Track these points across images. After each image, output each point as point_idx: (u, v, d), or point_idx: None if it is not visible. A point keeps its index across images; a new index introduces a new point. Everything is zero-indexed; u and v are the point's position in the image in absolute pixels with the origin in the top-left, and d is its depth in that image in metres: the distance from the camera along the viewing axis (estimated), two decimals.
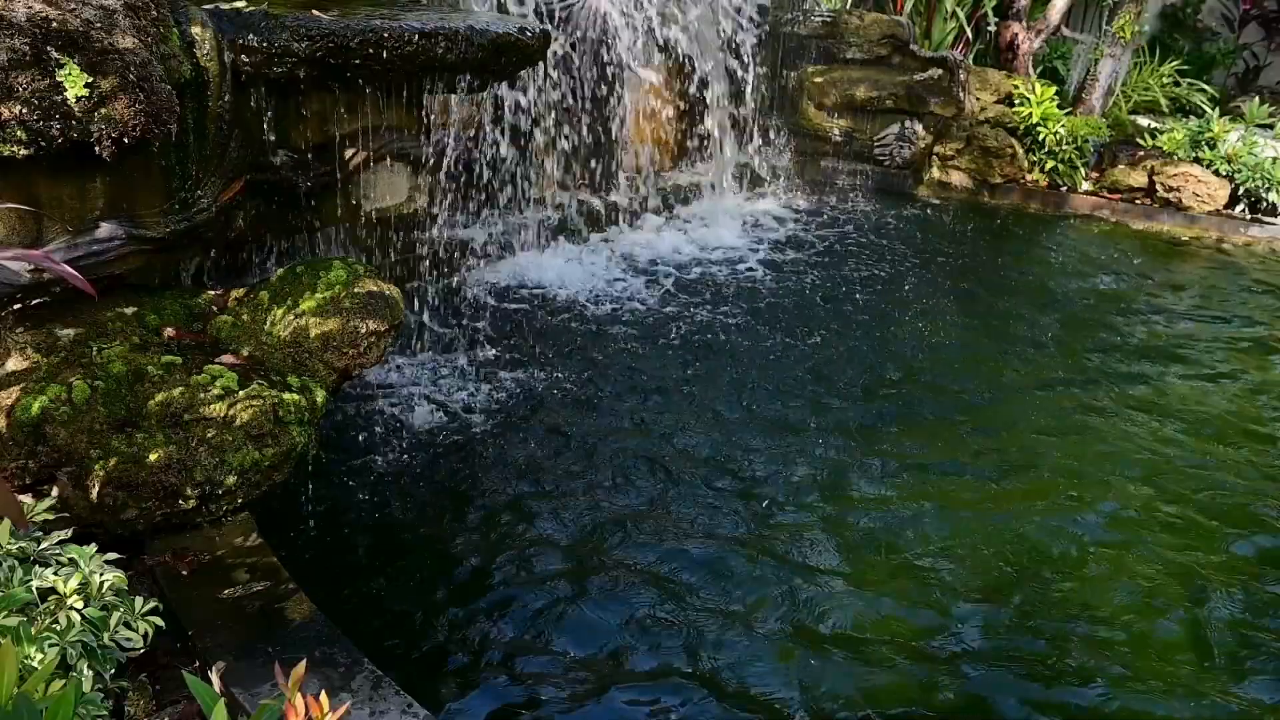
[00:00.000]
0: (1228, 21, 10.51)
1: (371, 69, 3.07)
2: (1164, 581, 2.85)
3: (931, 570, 2.84)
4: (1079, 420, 3.86)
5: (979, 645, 2.55)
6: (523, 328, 4.38)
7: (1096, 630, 2.63)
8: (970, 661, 2.48)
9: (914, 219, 6.81)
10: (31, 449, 2.25)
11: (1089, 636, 2.60)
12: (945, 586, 2.77)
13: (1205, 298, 5.55)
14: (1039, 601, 2.74)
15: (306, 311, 2.69)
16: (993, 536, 3.01)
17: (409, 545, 2.82)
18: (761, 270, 5.41)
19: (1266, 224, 6.82)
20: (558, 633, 2.51)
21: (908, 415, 3.82)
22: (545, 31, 3.67)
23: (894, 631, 2.57)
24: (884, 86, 7.15)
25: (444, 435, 3.41)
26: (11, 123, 2.09)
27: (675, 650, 2.46)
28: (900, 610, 2.66)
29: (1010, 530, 3.05)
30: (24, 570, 1.72)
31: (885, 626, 2.59)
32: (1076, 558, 2.94)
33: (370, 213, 3.61)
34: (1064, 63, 9.02)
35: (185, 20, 2.59)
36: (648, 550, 2.85)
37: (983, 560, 2.90)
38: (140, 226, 2.54)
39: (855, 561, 2.86)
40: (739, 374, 4.08)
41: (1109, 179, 7.39)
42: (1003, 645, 2.56)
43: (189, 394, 2.38)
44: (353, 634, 2.12)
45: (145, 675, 1.97)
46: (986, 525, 3.07)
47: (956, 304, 5.12)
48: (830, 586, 2.74)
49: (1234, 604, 2.77)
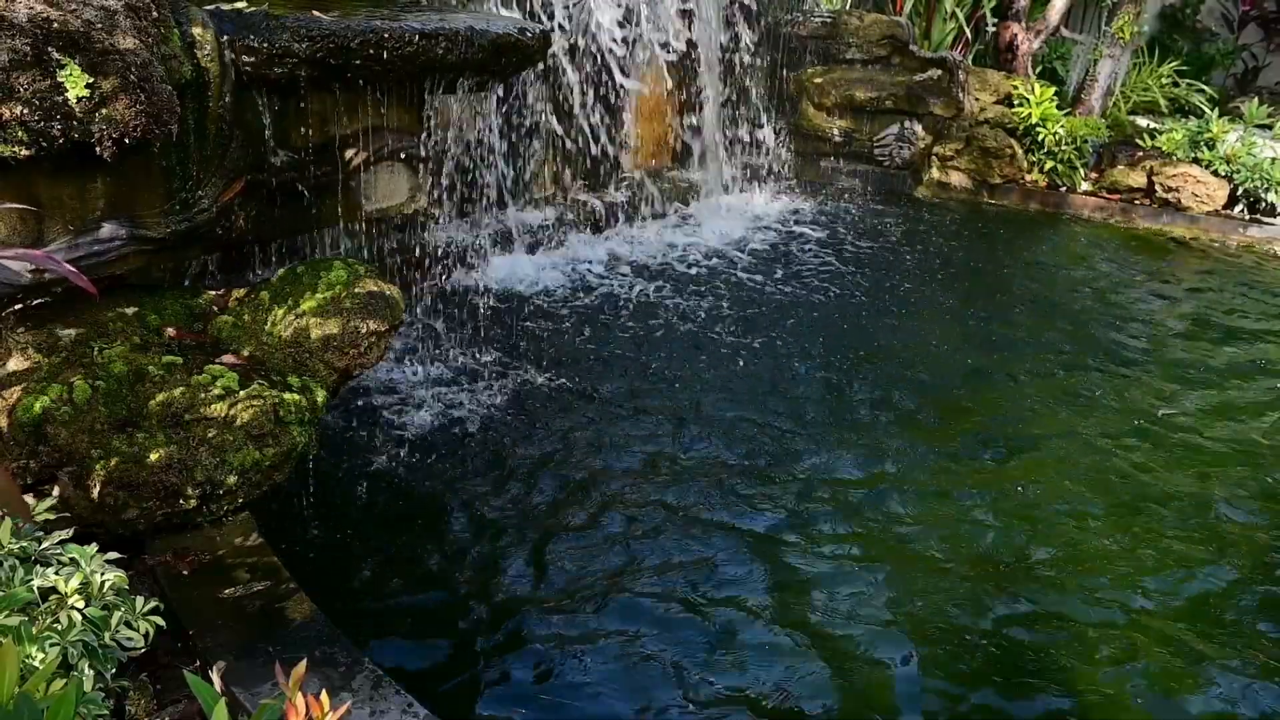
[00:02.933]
0: (1227, 22, 10.52)
1: (372, 70, 3.08)
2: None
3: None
4: (1077, 422, 3.86)
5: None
6: (522, 327, 4.38)
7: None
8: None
9: (913, 219, 6.81)
10: (33, 449, 2.25)
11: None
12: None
13: (1204, 298, 5.55)
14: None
15: (307, 311, 2.69)
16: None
17: (409, 545, 2.82)
18: (761, 270, 5.40)
19: (1265, 224, 6.82)
20: (559, 633, 2.51)
21: (906, 415, 3.83)
22: (545, 32, 3.68)
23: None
24: (883, 87, 7.15)
25: (444, 435, 3.41)
26: (12, 123, 2.09)
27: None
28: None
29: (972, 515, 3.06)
30: (25, 570, 1.72)
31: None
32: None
33: (371, 213, 3.62)
34: (1063, 63, 9.02)
35: (186, 21, 2.60)
36: (657, 558, 2.85)
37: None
38: (141, 227, 2.54)
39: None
40: (739, 374, 4.08)
41: (1108, 179, 7.40)
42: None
43: (190, 394, 2.39)
44: (352, 634, 2.13)
45: (146, 675, 1.97)
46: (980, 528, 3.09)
47: (956, 304, 5.12)
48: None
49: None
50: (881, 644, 2.52)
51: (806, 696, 2.34)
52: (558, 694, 2.32)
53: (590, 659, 2.43)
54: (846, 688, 2.37)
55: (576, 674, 2.38)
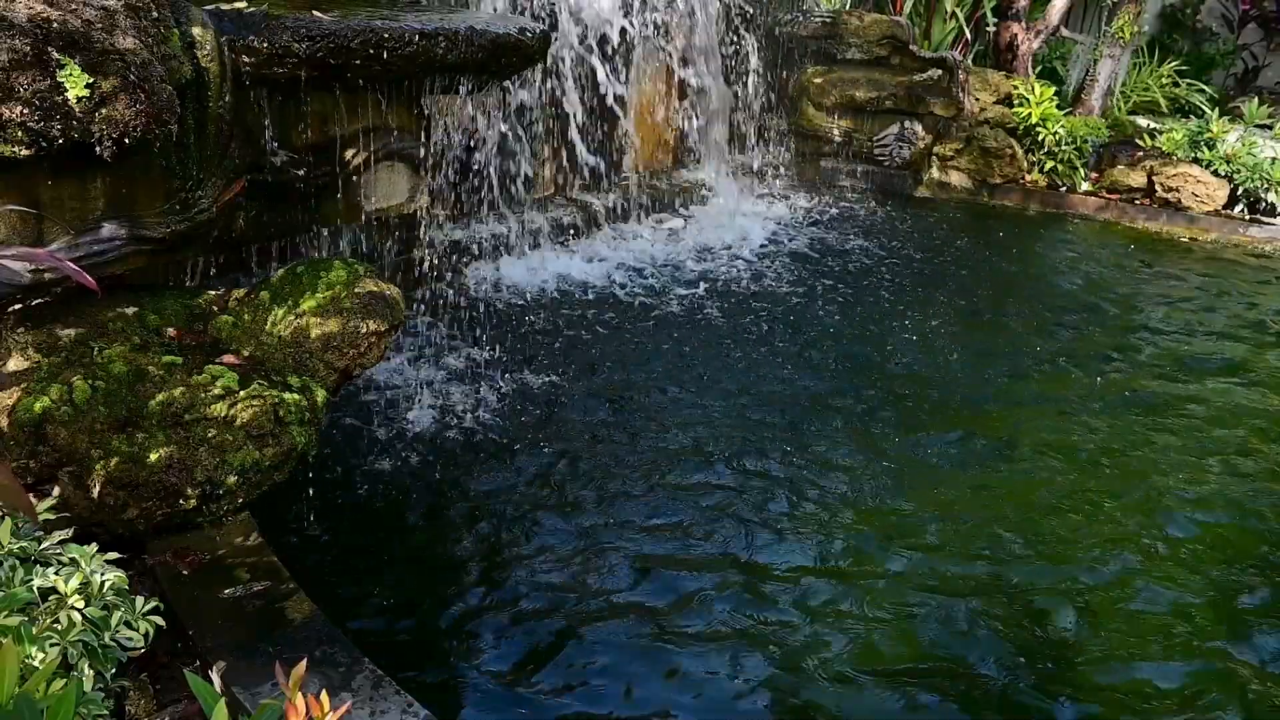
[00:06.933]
0: (1227, 22, 10.51)
1: (372, 70, 3.08)
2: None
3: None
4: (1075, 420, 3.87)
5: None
6: (522, 327, 4.38)
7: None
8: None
9: (914, 219, 6.82)
10: (33, 449, 2.26)
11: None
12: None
13: (1203, 297, 5.55)
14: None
15: (307, 311, 2.69)
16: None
17: (409, 544, 2.82)
18: (761, 270, 5.41)
19: (1265, 224, 6.82)
20: (560, 634, 2.51)
21: (904, 417, 3.83)
22: (545, 32, 3.68)
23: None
24: (884, 87, 7.15)
25: (444, 435, 3.41)
26: (12, 123, 2.09)
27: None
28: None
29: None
30: (25, 570, 1.72)
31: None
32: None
33: (371, 213, 3.62)
34: (1063, 63, 9.02)
35: (186, 21, 2.60)
36: (660, 559, 2.85)
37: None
38: (141, 227, 2.54)
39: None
40: (738, 373, 4.08)
41: (1108, 179, 7.40)
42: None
43: (190, 394, 2.39)
44: (352, 634, 2.13)
45: (146, 675, 1.97)
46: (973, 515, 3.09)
47: (956, 304, 5.12)
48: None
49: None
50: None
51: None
52: (560, 695, 2.32)
53: (601, 659, 2.43)
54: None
55: (578, 674, 2.38)
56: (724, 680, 2.37)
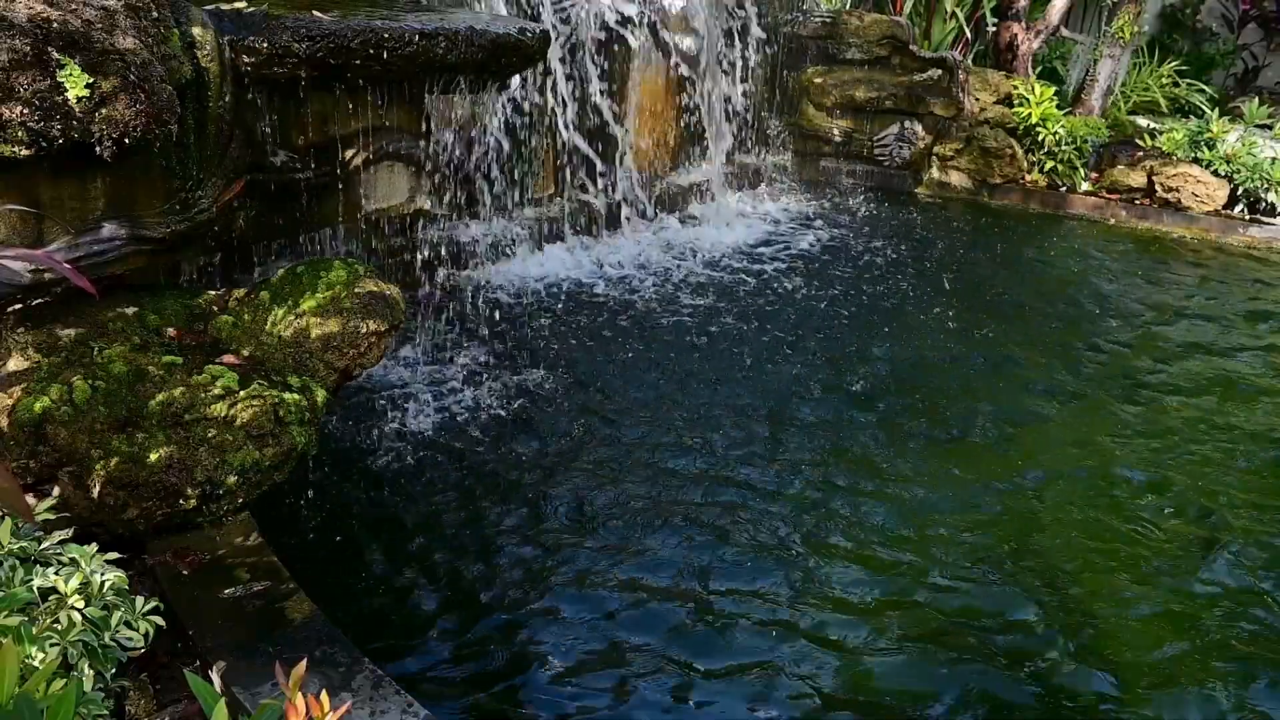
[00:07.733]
0: (1227, 22, 10.51)
1: (372, 70, 3.08)
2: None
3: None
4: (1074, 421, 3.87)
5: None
6: (522, 327, 4.38)
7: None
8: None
9: (914, 219, 6.82)
10: (33, 449, 2.26)
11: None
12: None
13: (1203, 297, 5.55)
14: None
15: (307, 312, 2.69)
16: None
17: (409, 544, 2.82)
18: (760, 270, 5.41)
19: (1265, 224, 6.82)
20: (562, 633, 2.51)
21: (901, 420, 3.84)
22: (545, 33, 3.68)
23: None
24: (884, 87, 7.15)
25: (444, 435, 3.41)
26: (13, 123, 2.10)
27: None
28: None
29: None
30: (25, 570, 1.72)
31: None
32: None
33: (371, 213, 3.62)
34: (1063, 63, 9.02)
35: (186, 21, 2.60)
36: (664, 557, 2.85)
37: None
38: (141, 227, 2.54)
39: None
40: (737, 372, 4.08)
41: (1108, 179, 7.40)
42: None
43: (190, 394, 2.39)
44: (352, 633, 2.13)
45: (146, 675, 1.97)
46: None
47: (956, 304, 5.12)
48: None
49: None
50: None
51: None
52: (561, 695, 2.32)
53: (598, 659, 2.43)
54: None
55: (579, 674, 2.38)
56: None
